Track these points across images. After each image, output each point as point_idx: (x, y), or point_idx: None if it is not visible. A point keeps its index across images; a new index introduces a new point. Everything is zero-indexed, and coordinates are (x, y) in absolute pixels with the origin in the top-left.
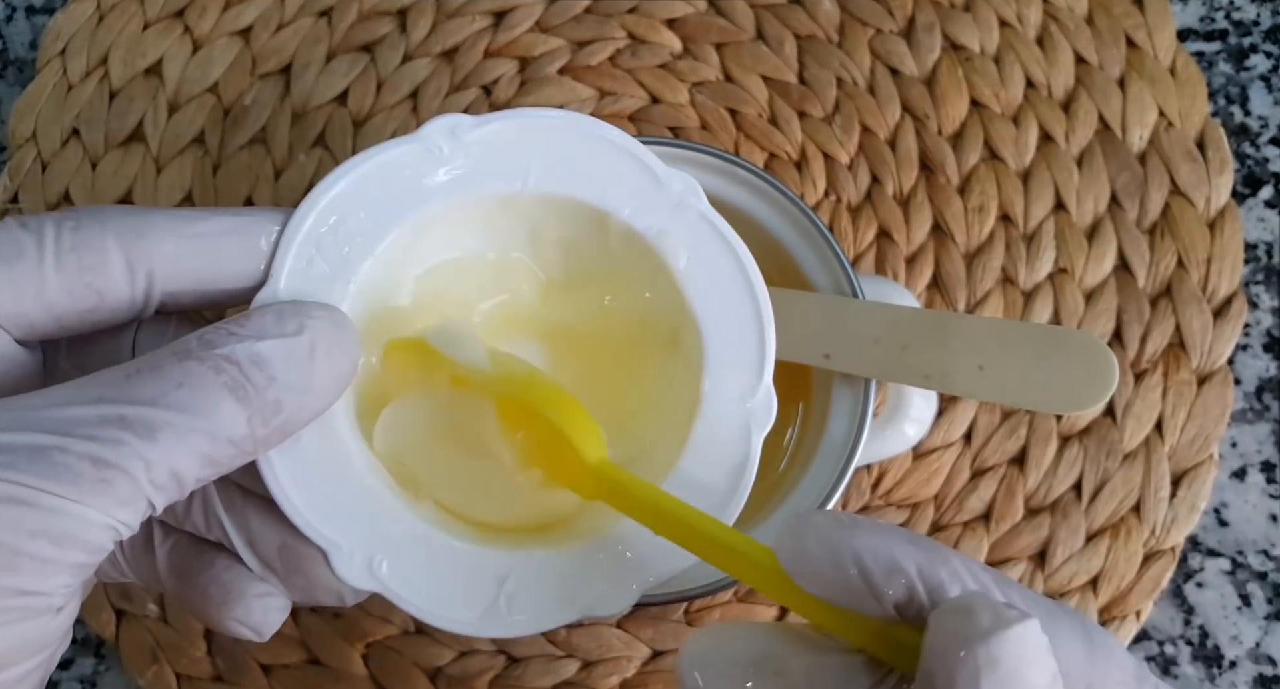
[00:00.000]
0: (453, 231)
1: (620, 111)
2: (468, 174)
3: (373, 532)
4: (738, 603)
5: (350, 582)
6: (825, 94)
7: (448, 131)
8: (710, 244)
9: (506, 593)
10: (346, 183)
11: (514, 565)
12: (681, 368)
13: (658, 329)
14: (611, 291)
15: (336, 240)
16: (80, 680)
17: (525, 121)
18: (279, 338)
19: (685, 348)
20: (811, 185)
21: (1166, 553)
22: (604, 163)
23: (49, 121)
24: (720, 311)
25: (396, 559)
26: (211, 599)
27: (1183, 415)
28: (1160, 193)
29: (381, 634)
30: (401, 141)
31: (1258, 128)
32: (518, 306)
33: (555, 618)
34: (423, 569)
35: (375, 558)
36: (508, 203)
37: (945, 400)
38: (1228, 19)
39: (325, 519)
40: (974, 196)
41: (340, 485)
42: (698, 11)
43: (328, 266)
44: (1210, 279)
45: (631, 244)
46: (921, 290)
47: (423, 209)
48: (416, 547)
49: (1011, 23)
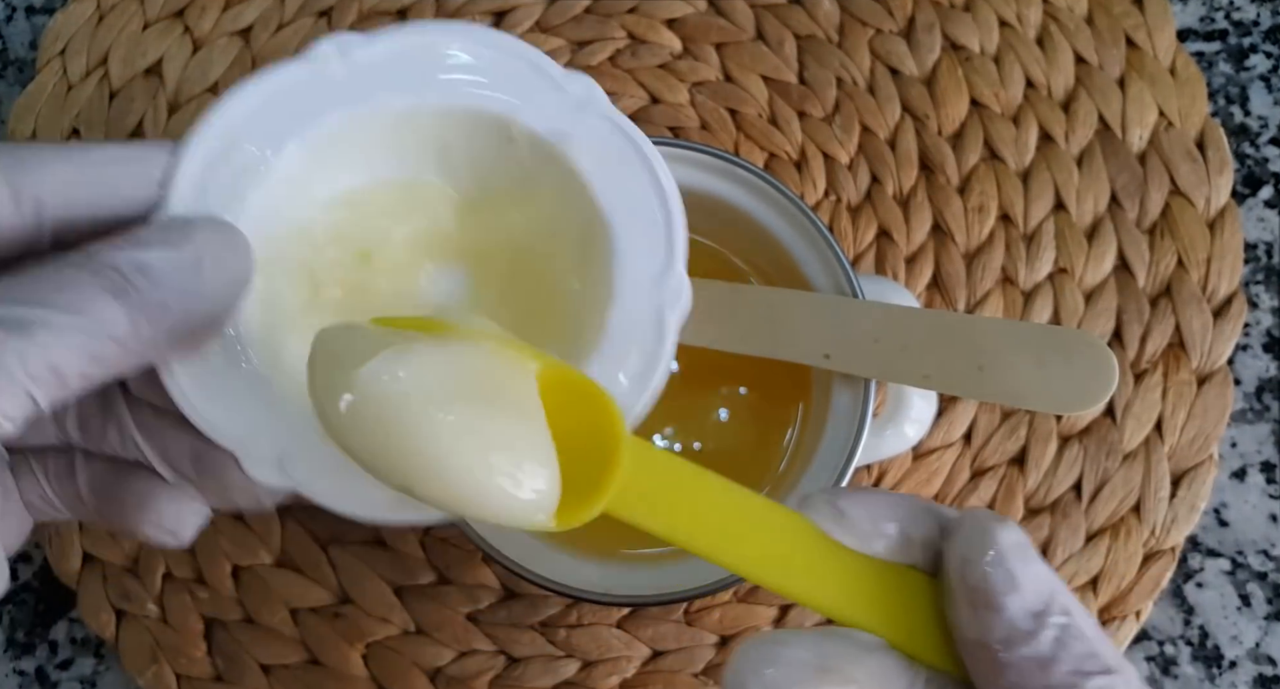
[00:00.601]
0: (358, 154)
1: (620, 111)
2: (361, 92)
3: (280, 432)
4: (738, 603)
5: (261, 479)
6: (825, 94)
7: (337, 50)
8: (614, 142)
9: None
10: (237, 108)
11: None
12: (597, 265)
13: (571, 233)
14: (525, 204)
15: (230, 165)
16: (80, 681)
17: (417, 38)
18: (163, 246)
19: (598, 246)
20: (811, 185)
21: (1166, 553)
22: (502, 72)
23: (49, 121)
24: (629, 207)
25: (305, 455)
26: (129, 509)
27: (1182, 415)
28: (1160, 193)
29: (381, 635)
30: (289, 62)
31: (1257, 128)
32: (435, 231)
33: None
34: (332, 464)
35: (285, 455)
36: (408, 120)
37: (945, 400)
38: (1228, 19)
39: (231, 423)
40: (974, 197)
41: (245, 393)
42: (698, 11)
43: (222, 191)
44: (1210, 279)
45: (538, 150)
46: (921, 290)
47: (316, 129)
48: (325, 443)
49: (1011, 23)
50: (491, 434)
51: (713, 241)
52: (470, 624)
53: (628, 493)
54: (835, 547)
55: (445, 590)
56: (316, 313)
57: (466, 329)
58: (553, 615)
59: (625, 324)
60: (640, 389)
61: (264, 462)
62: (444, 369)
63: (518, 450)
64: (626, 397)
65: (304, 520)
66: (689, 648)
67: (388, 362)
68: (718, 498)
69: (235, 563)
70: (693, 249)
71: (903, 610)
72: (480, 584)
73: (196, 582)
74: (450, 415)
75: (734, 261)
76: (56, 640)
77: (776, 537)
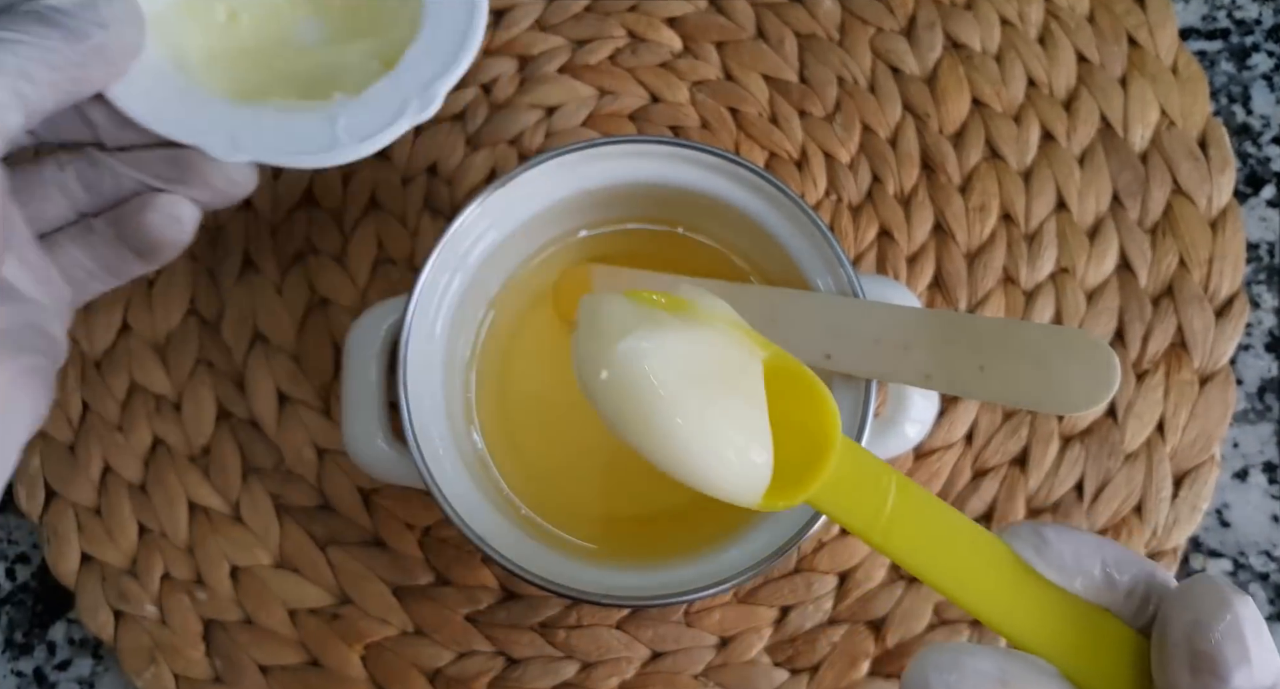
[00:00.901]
0: None
1: (620, 110)
2: None
3: (226, 121)
4: (738, 604)
5: (224, 157)
6: (826, 93)
7: None
8: None
9: (342, 126)
10: None
11: (346, 107)
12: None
13: None
14: None
15: None
16: (78, 682)
17: None
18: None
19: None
20: (812, 184)
21: (1168, 554)
22: None
23: None
24: None
25: (253, 133)
26: (135, 220)
27: (1184, 416)
28: (1162, 192)
29: (380, 636)
30: None
31: (1259, 127)
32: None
33: (390, 132)
34: (274, 133)
35: (234, 136)
36: None
37: (946, 400)
38: (1229, 18)
39: (183, 125)
40: (975, 196)
41: (181, 103)
42: (698, 10)
43: None
44: (1212, 279)
45: None
46: (923, 290)
47: None
48: (262, 121)
49: (1013, 21)
50: (725, 414)
51: (713, 241)
52: (469, 625)
53: (833, 488)
54: (1033, 575)
55: (444, 591)
56: (221, 39)
57: (708, 311)
58: (552, 616)
59: (439, 12)
60: (456, 60)
61: (220, 144)
62: (689, 349)
63: (745, 432)
64: (445, 69)
65: (303, 522)
66: (689, 649)
67: (642, 339)
68: (917, 507)
69: (234, 564)
70: (693, 249)
71: (1091, 650)
72: (479, 585)
73: (195, 582)
74: (692, 394)
75: (734, 261)
76: (55, 641)
77: (972, 554)
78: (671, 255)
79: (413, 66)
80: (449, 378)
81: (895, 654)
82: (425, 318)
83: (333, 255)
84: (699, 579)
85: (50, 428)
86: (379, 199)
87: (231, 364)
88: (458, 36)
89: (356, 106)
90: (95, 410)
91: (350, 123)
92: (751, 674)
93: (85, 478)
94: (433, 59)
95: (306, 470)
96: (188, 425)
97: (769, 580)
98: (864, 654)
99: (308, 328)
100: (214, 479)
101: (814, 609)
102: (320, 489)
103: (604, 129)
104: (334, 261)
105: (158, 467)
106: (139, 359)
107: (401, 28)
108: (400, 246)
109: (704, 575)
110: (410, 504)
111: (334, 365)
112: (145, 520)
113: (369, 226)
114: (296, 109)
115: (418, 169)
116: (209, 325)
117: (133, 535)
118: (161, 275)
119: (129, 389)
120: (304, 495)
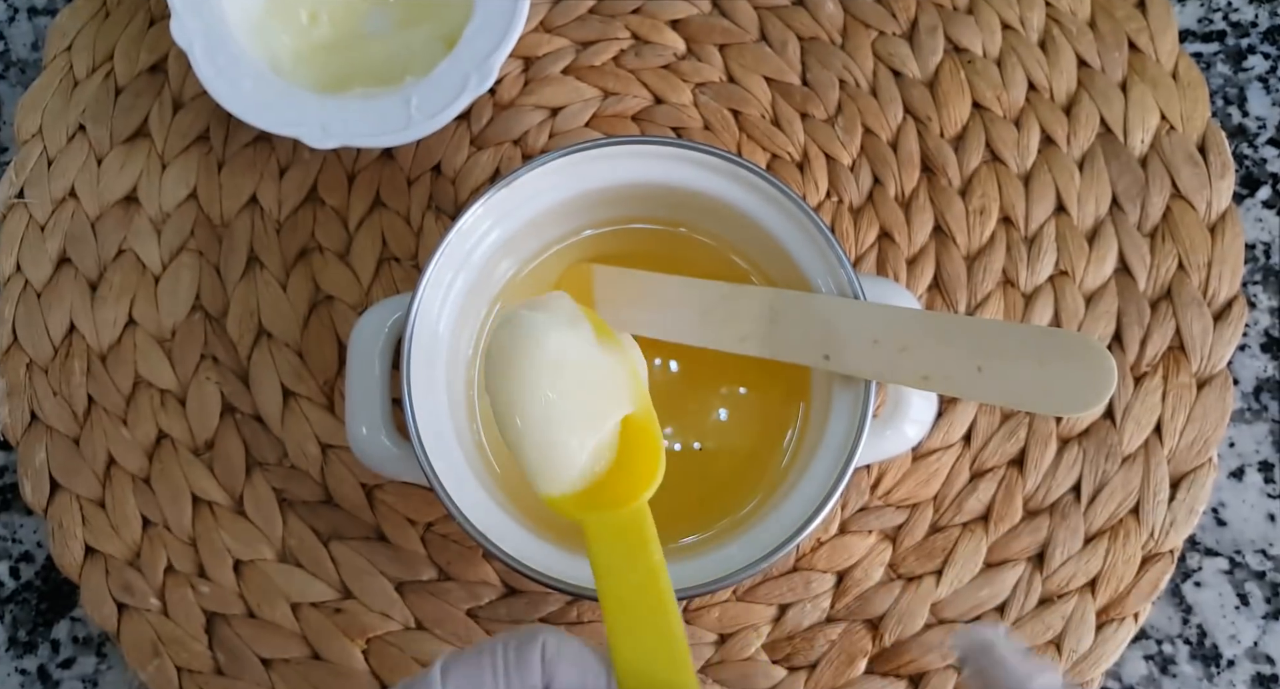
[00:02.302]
0: None
1: (624, 112)
2: None
3: (316, 112)
4: (737, 601)
5: (318, 145)
6: (828, 95)
7: None
8: None
9: (415, 106)
10: None
11: (417, 88)
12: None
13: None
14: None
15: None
16: (82, 679)
17: None
18: None
19: None
20: (813, 186)
21: (1165, 555)
22: None
23: (55, 117)
24: None
25: (340, 120)
26: None
27: (1182, 418)
28: (1161, 196)
29: (382, 630)
30: None
31: (1256, 129)
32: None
33: (455, 106)
34: (358, 118)
35: (327, 124)
36: None
37: (945, 401)
38: (1225, 20)
39: (283, 119)
40: (975, 199)
41: (283, 98)
42: (701, 13)
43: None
44: (1211, 283)
45: None
46: (922, 292)
47: None
48: (347, 109)
49: (1014, 25)
50: (584, 412)
51: (714, 241)
52: (471, 620)
53: (608, 531)
54: None
55: (446, 587)
56: (305, 39)
57: (623, 347)
58: (553, 612)
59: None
60: (513, 26)
61: (314, 134)
62: (588, 355)
63: (590, 435)
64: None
65: (306, 516)
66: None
67: (547, 322)
68: (653, 580)
69: (237, 557)
70: (695, 248)
71: None
72: (481, 580)
73: (198, 576)
74: (569, 378)
75: (735, 261)
76: (59, 639)
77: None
78: (673, 255)
79: (470, 44)
80: (452, 375)
81: (892, 652)
82: (429, 315)
83: (338, 253)
84: (698, 577)
85: (55, 421)
86: (384, 198)
87: (236, 359)
88: (507, 12)
89: (425, 86)
90: (100, 404)
91: (421, 101)
92: (749, 671)
93: (90, 471)
94: (487, 36)
95: (310, 465)
96: (192, 419)
97: (767, 578)
98: (861, 652)
99: (312, 324)
100: (218, 473)
101: (812, 607)
102: (323, 484)
103: (607, 130)
104: (339, 259)
105: (162, 460)
106: (144, 354)
107: (457, 9)
108: (404, 245)
109: (703, 573)
110: (413, 500)
111: (338, 361)
112: (149, 513)
113: (374, 224)
114: (374, 94)
115: (423, 168)
116: (214, 320)
117: (136, 528)
118: (167, 271)
119: (134, 383)
120: (307, 490)
